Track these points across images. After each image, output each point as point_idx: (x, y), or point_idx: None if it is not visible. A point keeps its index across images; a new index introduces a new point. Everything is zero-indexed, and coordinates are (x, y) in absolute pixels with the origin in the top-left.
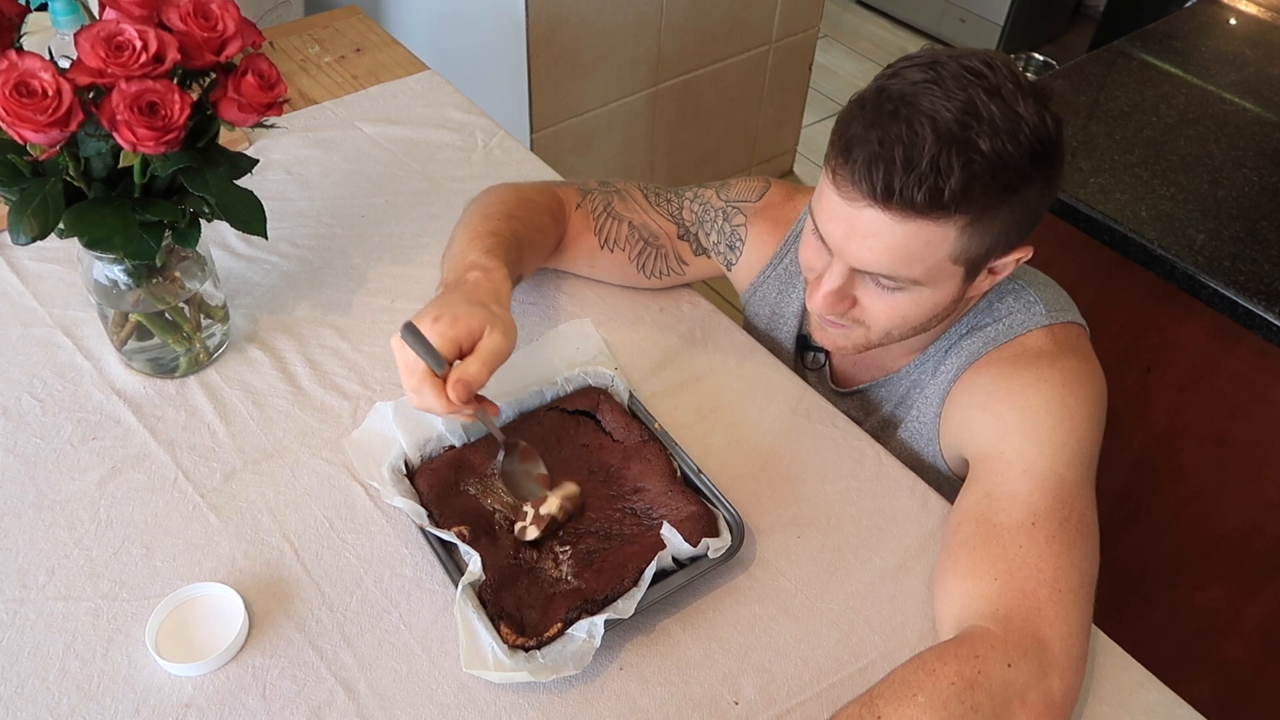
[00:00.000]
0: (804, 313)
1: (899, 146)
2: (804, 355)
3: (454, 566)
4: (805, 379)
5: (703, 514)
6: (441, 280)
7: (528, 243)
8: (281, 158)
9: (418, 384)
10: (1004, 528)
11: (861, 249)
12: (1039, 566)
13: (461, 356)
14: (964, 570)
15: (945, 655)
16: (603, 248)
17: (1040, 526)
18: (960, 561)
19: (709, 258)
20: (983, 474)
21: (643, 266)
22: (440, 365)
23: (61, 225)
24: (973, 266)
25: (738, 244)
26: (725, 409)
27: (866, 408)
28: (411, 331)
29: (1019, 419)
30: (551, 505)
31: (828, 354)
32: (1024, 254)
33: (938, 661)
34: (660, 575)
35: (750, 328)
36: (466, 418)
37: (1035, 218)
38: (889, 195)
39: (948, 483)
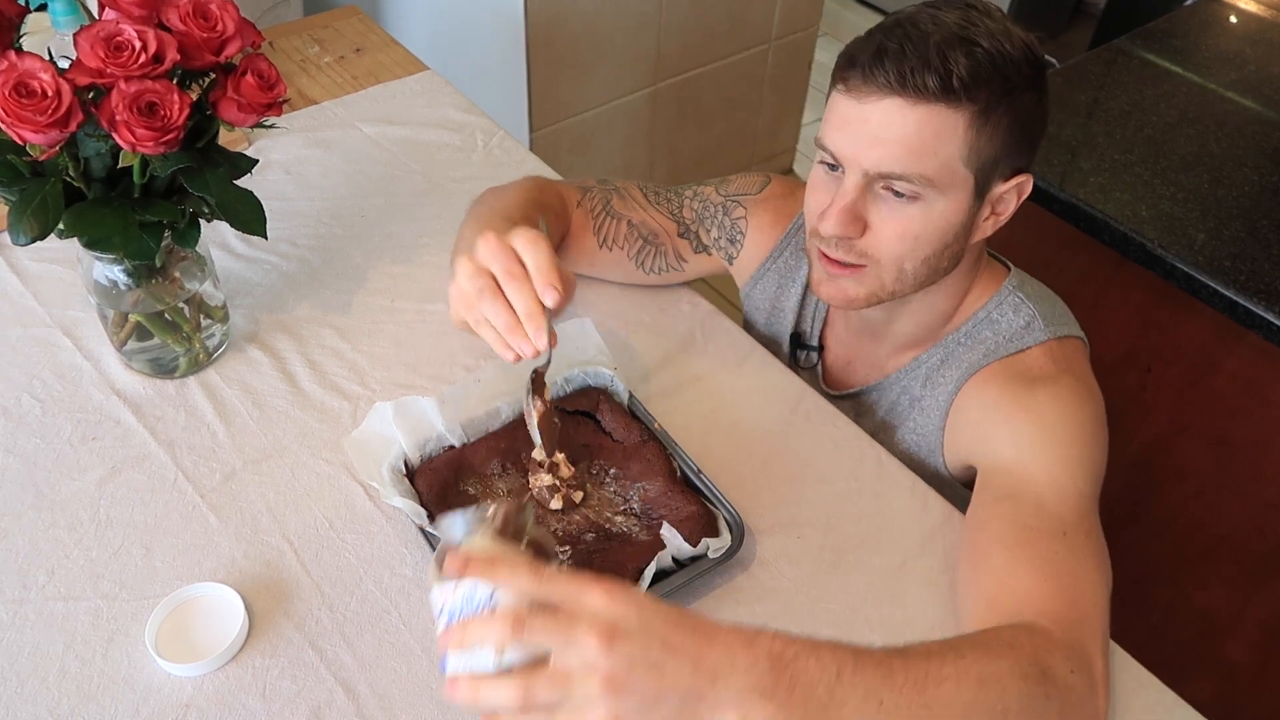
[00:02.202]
0: (800, 309)
1: (907, 41)
2: (797, 354)
3: None
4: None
5: (702, 514)
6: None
7: None
8: (281, 158)
9: (535, 237)
10: (1038, 532)
11: (875, 146)
12: (1076, 576)
13: None
14: (1004, 567)
15: (1020, 637)
16: (602, 247)
17: (1070, 538)
18: (998, 558)
19: (709, 255)
20: (1001, 482)
21: (642, 264)
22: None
23: (61, 225)
24: (981, 177)
25: (738, 237)
26: (725, 409)
27: (859, 411)
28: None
29: (1035, 433)
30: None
31: (820, 353)
32: (1024, 183)
33: (1015, 640)
34: (660, 575)
35: (749, 325)
36: (529, 341)
37: (1032, 139)
38: (901, 81)
39: (948, 486)
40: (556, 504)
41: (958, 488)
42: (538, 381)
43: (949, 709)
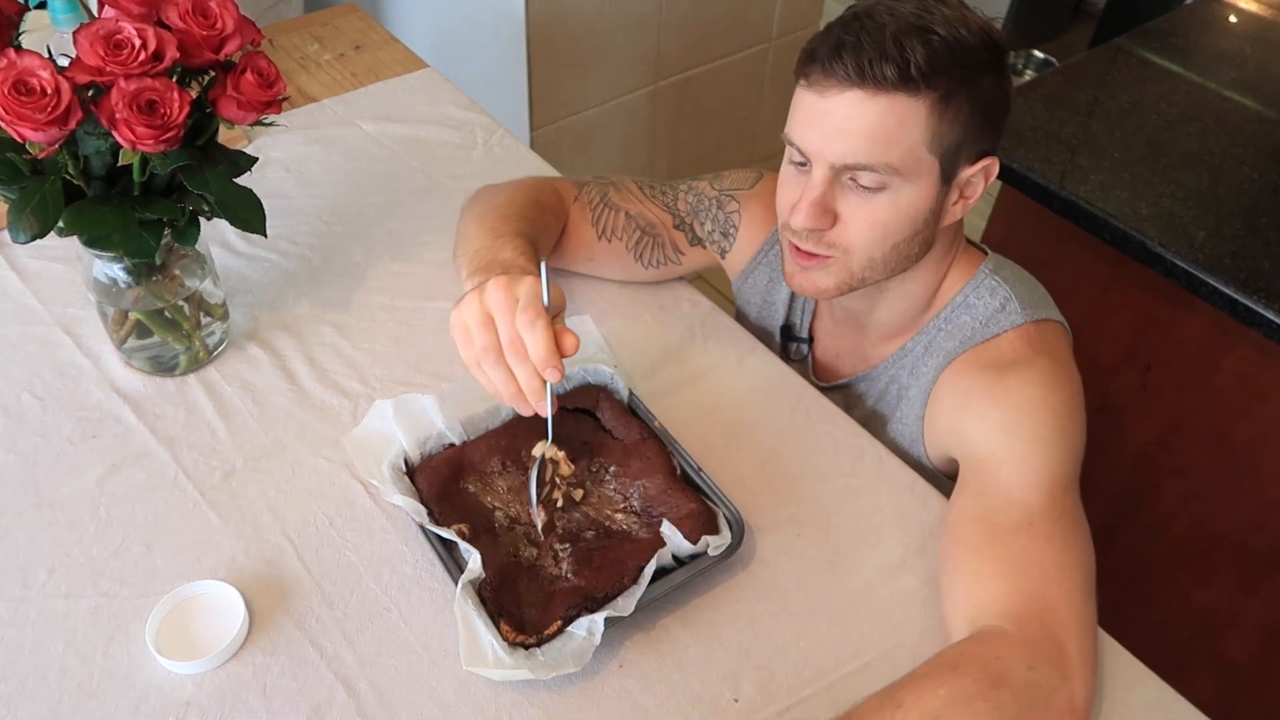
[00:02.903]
0: (790, 301)
1: (863, 34)
2: (787, 347)
3: (454, 564)
4: None
5: (702, 512)
6: (471, 273)
7: (542, 245)
8: (281, 155)
9: (534, 318)
10: (1003, 527)
11: (839, 139)
12: (1044, 565)
13: None
14: (970, 572)
15: (967, 653)
16: (600, 239)
17: (1038, 525)
18: (964, 563)
19: (704, 248)
20: (974, 475)
21: (640, 256)
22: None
23: (61, 223)
24: (946, 162)
25: (731, 231)
26: (725, 407)
27: (848, 402)
28: (545, 270)
29: (1003, 419)
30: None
31: (810, 345)
32: (990, 165)
33: (960, 659)
34: (660, 573)
35: (741, 317)
36: (528, 404)
37: (995, 122)
38: (860, 74)
39: (934, 478)
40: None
41: (941, 480)
42: (543, 467)
43: None
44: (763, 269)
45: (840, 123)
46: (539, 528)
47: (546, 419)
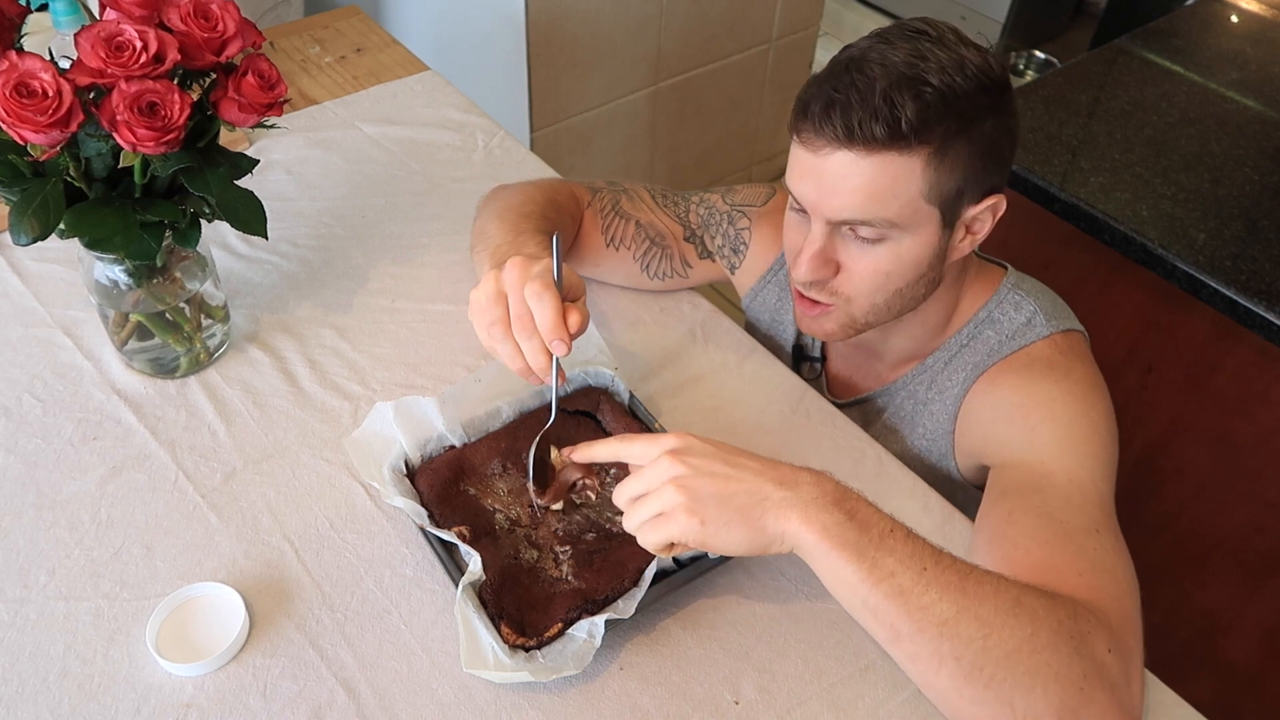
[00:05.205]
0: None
1: (853, 91)
2: (800, 365)
3: (454, 566)
4: None
5: None
6: (492, 266)
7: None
8: (282, 158)
9: (541, 289)
10: (1075, 526)
11: (834, 196)
12: (1115, 574)
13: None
14: (1041, 562)
15: (1066, 598)
16: (608, 246)
17: (1103, 535)
18: (1033, 551)
19: (713, 261)
20: (1022, 477)
21: (647, 267)
22: (559, 286)
23: (62, 226)
24: (947, 209)
25: (741, 248)
26: (725, 409)
27: (865, 418)
28: (557, 243)
29: (1052, 430)
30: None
31: (824, 363)
32: (997, 203)
33: (1058, 596)
34: (661, 575)
35: (750, 332)
36: (537, 376)
37: (1000, 160)
38: (850, 134)
39: (961, 489)
40: (557, 504)
41: (971, 490)
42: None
43: (981, 603)
44: (771, 287)
45: (834, 181)
46: (535, 506)
47: (552, 396)
